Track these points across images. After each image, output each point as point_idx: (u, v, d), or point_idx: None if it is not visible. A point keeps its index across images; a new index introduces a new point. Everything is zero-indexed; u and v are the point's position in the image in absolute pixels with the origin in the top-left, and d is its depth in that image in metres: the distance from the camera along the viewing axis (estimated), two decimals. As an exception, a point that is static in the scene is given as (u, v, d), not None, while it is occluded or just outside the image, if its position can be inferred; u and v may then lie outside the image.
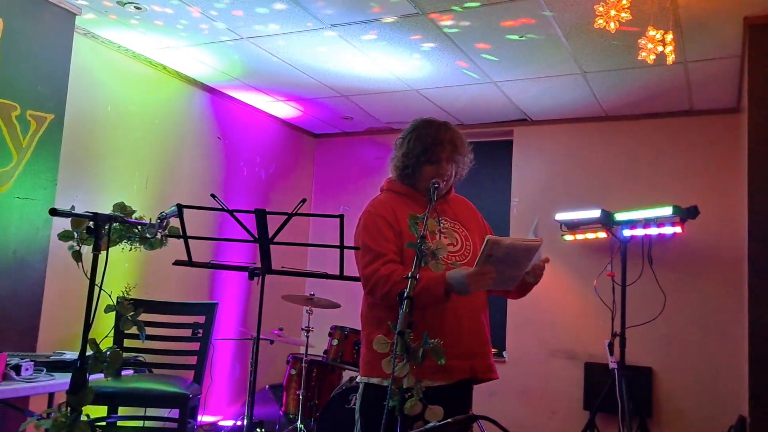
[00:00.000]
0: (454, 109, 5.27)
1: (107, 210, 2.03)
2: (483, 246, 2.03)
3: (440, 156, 2.34)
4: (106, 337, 1.82)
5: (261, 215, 1.89)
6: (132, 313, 1.82)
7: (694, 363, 4.80)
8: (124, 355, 3.18)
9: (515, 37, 3.87)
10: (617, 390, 4.23)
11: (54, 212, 1.73)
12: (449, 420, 0.99)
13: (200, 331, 3.14)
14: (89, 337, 1.75)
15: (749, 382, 3.31)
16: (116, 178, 4.42)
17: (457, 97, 5.06)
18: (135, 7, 3.77)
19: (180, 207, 1.92)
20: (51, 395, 3.15)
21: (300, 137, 6.34)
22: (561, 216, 5.05)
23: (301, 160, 6.37)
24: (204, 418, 5.04)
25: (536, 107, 5.23)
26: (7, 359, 2.70)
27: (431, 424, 0.93)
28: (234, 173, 5.49)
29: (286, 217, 2.01)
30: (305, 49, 4.27)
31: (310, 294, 4.73)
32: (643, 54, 2.99)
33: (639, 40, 3.05)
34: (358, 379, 2.34)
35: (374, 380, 2.22)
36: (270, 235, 2.01)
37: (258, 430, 4.55)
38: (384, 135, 6.15)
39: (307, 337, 4.66)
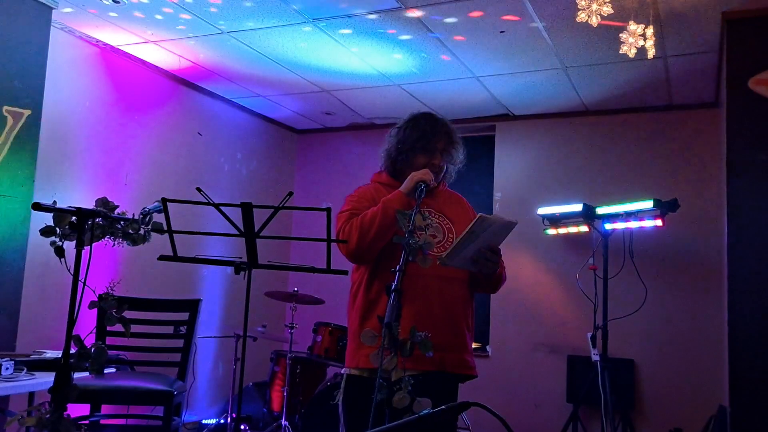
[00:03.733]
0: (436, 104, 5.27)
1: (87, 206, 2.00)
2: (472, 221, 2.04)
3: (435, 146, 2.36)
4: (90, 333, 1.79)
5: (247, 209, 1.87)
6: (116, 309, 1.80)
7: (675, 354, 4.86)
8: (108, 353, 3.15)
9: (497, 31, 3.88)
10: (600, 382, 4.27)
11: (37, 207, 1.70)
12: (442, 407, 0.99)
13: (183, 328, 3.11)
14: (73, 333, 1.72)
15: (729, 373, 3.36)
16: (95, 175, 4.36)
17: (439, 92, 5.07)
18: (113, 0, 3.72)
19: (165, 201, 1.90)
20: (31, 395, 3.10)
21: (282, 133, 6.31)
22: (543, 210, 5.08)
23: (283, 155, 6.34)
24: (187, 417, 5.00)
25: (518, 102, 5.25)
26: (-14, 359, 2.65)
27: (426, 411, 0.93)
28: (215, 169, 5.45)
29: (271, 212, 1.99)
30: (286, 44, 4.24)
31: (294, 290, 4.71)
32: (625, 48, 3.01)
33: (620, 34, 3.08)
34: (342, 371, 2.34)
35: (355, 371, 2.23)
36: (256, 230, 1.99)
37: (243, 426, 4.52)
38: (366, 130, 6.14)
39: (291, 333, 4.64)
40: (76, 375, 1.82)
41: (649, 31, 3.06)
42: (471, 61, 4.39)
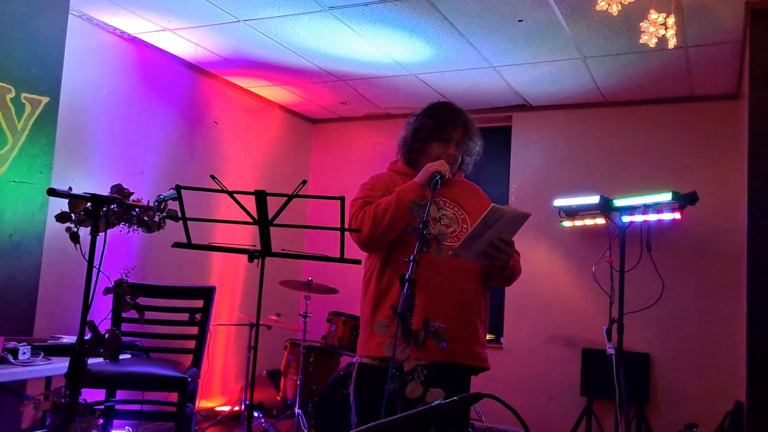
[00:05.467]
0: (452, 94, 5.23)
1: (104, 194, 2.01)
2: (485, 212, 2.02)
3: (452, 135, 2.34)
4: (105, 319, 1.80)
5: (261, 197, 1.87)
6: (130, 295, 1.81)
7: (691, 349, 4.81)
8: (123, 339, 3.18)
9: (515, 20, 3.84)
10: (614, 376, 4.24)
11: (52, 192, 1.71)
12: (454, 398, 0.98)
13: (198, 315, 3.12)
14: (88, 319, 1.73)
15: (747, 369, 3.32)
16: (112, 162, 4.39)
17: (455, 82, 5.03)
18: (131, -12, 3.73)
19: (179, 188, 1.90)
20: (48, 379, 3.14)
21: (297, 122, 6.30)
22: (559, 202, 5.03)
23: (298, 145, 6.34)
24: (201, 404, 5.04)
25: (536, 93, 5.20)
26: (4, 344, 2.68)
27: (437, 402, 0.92)
28: (231, 158, 5.46)
29: (285, 200, 1.98)
30: (302, 32, 4.23)
31: (308, 279, 4.72)
32: (645, 38, 2.96)
33: (640, 24, 3.02)
34: (354, 360, 2.35)
35: (366, 360, 2.23)
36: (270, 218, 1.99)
37: (256, 414, 4.55)
38: (382, 120, 6.12)
39: (305, 322, 4.66)
40: (92, 360, 1.84)
41: (671, 20, 3.01)
42: (488, 51, 4.35)
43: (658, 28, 2.94)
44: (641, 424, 4.40)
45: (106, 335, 1.72)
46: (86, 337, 1.74)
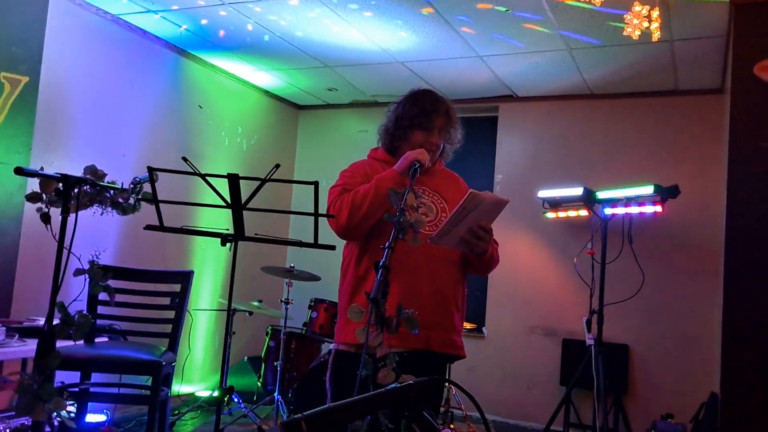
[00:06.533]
0: (439, 83, 5.22)
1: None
2: (464, 198, 2.01)
3: (434, 123, 2.32)
4: (75, 300, 1.78)
5: (234, 180, 1.85)
6: (101, 277, 1.79)
7: (669, 341, 4.86)
8: (99, 322, 3.16)
9: (501, 9, 3.83)
10: (593, 366, 4.27)
11: (20, 171, 1.69)
12: (410, 382, 0.98)
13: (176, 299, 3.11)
14: (57, 301, 1.72)
15: (721, 361, 3.35)
16: (93, 145, 4.34)
17: (442, 71, 5.01)
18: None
19: (150, 169, 1.88)
20: (24, 361, 3.12)
21: (283, 108, 6.27)
22: (543, 193, 5.05)
23: (284, 131, 6.31)
24: (182, 388, 5.04)
25: (522, 83, 5.19)
26: (-22, 324, 2.66)
27: (391, 386, 0.92)
28: (215, 143, 5.42)
29: (262, 184, 1.97)
30: (288, 17, 4.19)
31: (290, 266, 4.71)
32: (629, 29, 2.96)
33: (624, 16, 3.02)
34: (331, 347, 2.35)
35: (342, 347, 2.23)
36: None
37: (235, 399, 4.54)
38: (368, 108, 6.10)
39: (286, 309, 4.65)
40: (68, 343, 1.82)
41: (655, 13, 3.01)
42: (475, 40, 4.34)
43: (642, 21, 2.94)
44: (619, 414, 4.45)
45: (76, 317, 1.71)
46: (55, 319, 1.72)
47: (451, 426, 4.34)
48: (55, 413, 1.74)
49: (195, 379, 5.25)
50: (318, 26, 4.29)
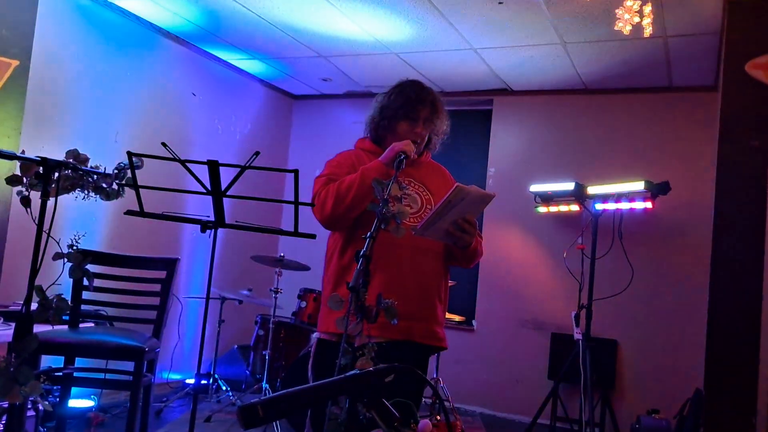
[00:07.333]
0: (434, 75, 5.21)
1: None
2: (449, 191, 2.01)
3: (419, 114, 2.32)
4: (54, 284, 1.78)
5: (214, 167, 1.85)
6: (81, 261, 1.79)
7: (657, 337, 4.87)
8: (85, 308, 3.15)
9: (496, 2, 3.81)
10: (581, 361, 4.29)
11: (-1, 154, 1.68)
12: (370, 369, 0.98)
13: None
14: (35, 284, 1.72)
15: (706, 357, 3.37)
16: (85, 130, 4.32)
17: (437, 63, 5.00)
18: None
19: (130, 154, 1.87)
20: (9, 345, 3.11)
21: (278, 98, 6.25)
22: (535, 188, 5.05)
23: (278, 120, 6.29)
24: (171, 376, 5.05)
25: (517, 77, 5.18)
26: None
27: (352, 373, 0.93)
28: (208, 131, 5.41)
29: (242, 172, 1.96)
30: (282, 6, 4.17)
31: (280, 255, 4.71)
32: (620, 24, 2.96)
33: (616, 10, 3.02)
34: (314, 335, 2.36)
35: (324, 336, 2.24)
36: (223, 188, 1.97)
37: (224, 387, 4.56)
38: (363, 99, 6.08)
39: (276, 298, 4.65)
40: (57, 327, 1.82)
41: (647, 8, 3.00)
42: (469, 32, 4.32)
43: (633, 15, 2.94)
44: (605, 409, 4.47)
45: (54, 300, 1.71)
46: (33, 302, 1.72)
47: (438, 417, 4.36)
48: (35, 397, 1.75)
49: (185, 366, 5.26)
50: (312, 15, 4.27)
